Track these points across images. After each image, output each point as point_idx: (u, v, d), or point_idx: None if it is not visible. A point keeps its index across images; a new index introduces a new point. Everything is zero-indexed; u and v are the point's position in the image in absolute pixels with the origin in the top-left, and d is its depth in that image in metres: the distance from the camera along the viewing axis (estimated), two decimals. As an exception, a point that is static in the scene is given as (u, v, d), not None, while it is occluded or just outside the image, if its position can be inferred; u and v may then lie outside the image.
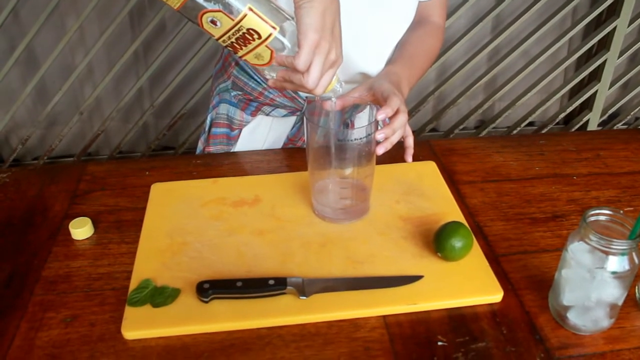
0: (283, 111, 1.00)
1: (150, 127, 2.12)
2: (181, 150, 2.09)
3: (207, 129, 1.06)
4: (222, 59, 1.06)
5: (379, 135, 0.75)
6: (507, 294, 0.68)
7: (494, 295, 0.67)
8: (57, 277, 0.71)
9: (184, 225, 0.77)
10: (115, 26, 1.78)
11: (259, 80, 0.98)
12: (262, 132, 1.04)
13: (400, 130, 0.78)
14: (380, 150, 0.76)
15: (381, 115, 0.74)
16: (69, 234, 0.78)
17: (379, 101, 0.79)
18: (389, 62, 0.94)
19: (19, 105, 1.92)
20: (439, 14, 1.00)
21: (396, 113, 0.77)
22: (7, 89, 1.95)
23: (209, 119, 1.06)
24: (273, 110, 1.00)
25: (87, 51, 1.85)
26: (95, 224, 0.79)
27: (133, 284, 0.68)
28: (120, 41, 1.85)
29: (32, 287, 0.70)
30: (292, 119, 1.02)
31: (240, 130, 1.03)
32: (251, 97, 1.00)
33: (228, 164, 0.93)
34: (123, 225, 0.79)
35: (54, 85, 1.94)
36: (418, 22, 0.98)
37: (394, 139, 0.78)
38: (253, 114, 1.01)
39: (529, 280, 0.71)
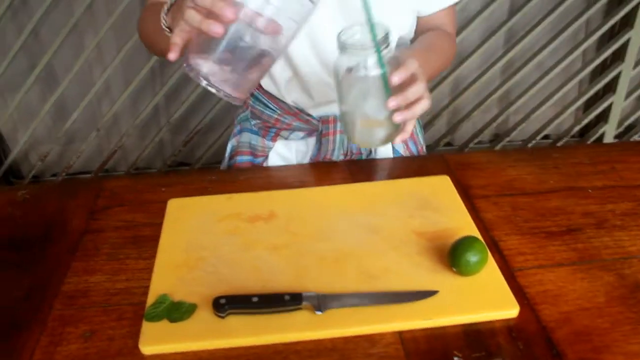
0: (300, 133, 1.03)
1: (166, 143, 2.15)
2: (197, 166, 2.11)
3: (227, 156, 1.08)
4: None
5: (394, 78, 0.69)
6: (523, 308, 0.68)
7: (510, 310, 0.67)
8: (76, 291, 0.72)
9: (200, 240, 0.78)
10: (132, 43, 1.81)
11: (273, 108, 1.01)
12: (288, 156, 1.06)
13: (418, 106, 0.72)
14: (398, 118, 0.72)
15: (395, 78, 0.69)
16: (87, 249, 0.79)
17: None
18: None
19: (38, 122, 1.95)
20: (449, 26, 1.00)
21: (413, 81, 0.72)
22: (27, 106, 1.98)
23: (229, 147, 1.09)
24: (291, 133, 1.03)
25: (104, 68, 1.88)
26: (112, 239, 0.80)
27: (150, 299, 0.69)
28: (137, 58, 1.88)
29: (52, 301, 0.71)
30: (312, 140, 1.04)
31: (265, 157, 1.05)
32: (269, 124, 1.03)
33: (243, 180, 0.94)
34: (140, 241, 0.81)
35: (72, 102, 1.97)
36: (430, 30, 0.99)
37: (408, 116, 0.72)
38: (273, 139, 1.05)
39: (545, 295, 0.70)
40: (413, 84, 0.71)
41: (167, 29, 0.76)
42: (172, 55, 0.65)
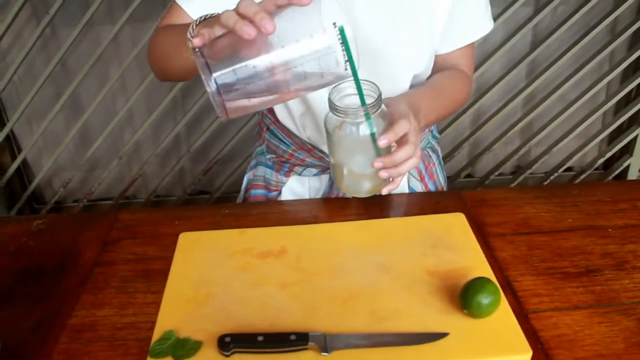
0: (314, 170, 1.02)
1: (186, 172, 2.17)
2: (216, 195, 2.12)
3: (243, 189, 1.09)
4: (257, 124, 1.10)
5: (381, 142, 0.72)
6: (536, 353, 0.66)
7: (523, 354, 0.65)
8: (83, 325, 0.72)
9: (209, 275, 0.78)
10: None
11: (288, 143, 1.02)
12: (301, 192, 1.06)
13: (405, 165, 0.74)
14: (384, 174, 0.74)
15: (383, 141, 0.71)
16: (97, 281, 0.79)
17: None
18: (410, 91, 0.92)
19: (62, 149, 1.99)
20: (466, 65, 1.00)
21: (403, 143, 0.73)
22: (52, 133, 2.02)
23: (245, 180, 1.09)
24: (304, 170, 1.03)
25: (128, 98, 1.92)
26: (123, 272, 0.81)
27: (156, 335, 0.68)
28: (159, 88, 1.91)
29: (58, 335, 0.71)
30: (325, 177, 1.04)
31: (279, 192, 1.05)
32: (283, 159, 1.03)
33: (256, 214, 0.94)
34: (150, 274, 0.80)
35: (96, 130, 2.01)
36: (445, 68, 0.98)
37: (394, 173, 0.74)
38: (287, 175, 1.05)
39: (560, 339, 0.68)
40: (402, 146, 0.73)
41: (191, 40, 0.75)
42: (198, 41, 0.62)
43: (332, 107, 0.74)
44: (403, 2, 0.87)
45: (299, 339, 0.65)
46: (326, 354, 0.64)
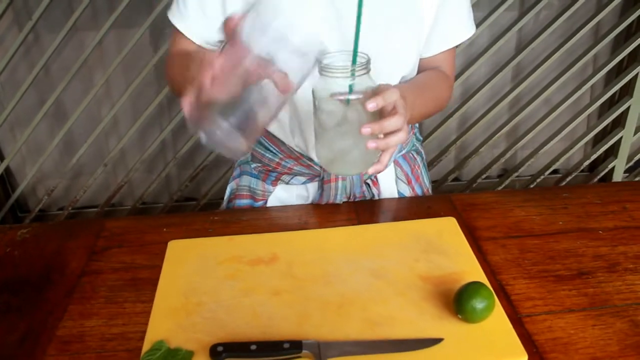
0: (302, 178, 1.01)
1: (173, 178, 2.14)
2: (203, 201, 2.10)
3: (226, 199, 1.07)
4: None
5: (370, 105, 0.68)
6: (531, 357, 0.65)
7: (518, 358, 0.64)
8: (71, 336, 0.71)
9: (199, 284, 0.77)
10: (140, 80, 1.83)
11: (274, 151, 1.01)
12: (289, 201, 1.04)
13: (393, 137, 0.70)
14: (372, 144, 0.70)
15: (371, 104, 0.68)
16: (85, 291, 0.78)
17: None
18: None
19: (46, 157, 1.96)
20: (448, 68, 1.00)
21: (392, 114, 0.70)
22: (36, 140, 1.99)
23: (228, 190, 1.08)
24: (292, 178, 1.01)
25: (113, 104, 1.90)
26: (111, 281, 0.79)
27: (146, 345, 0.67)
28: (144, 95, 1.89)
29: (45, 347, 0.69)
30: (313, 185, 1.02)
31: (265, 201, 1.04)
32: (270, 168, 1.02)
33: (246, 221, 0.93)
34: (139, 283, 0.79)
35: (80, 137, 1.98)
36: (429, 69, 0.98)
37: (381, 145, 0.70)
38: (274, 184, 1.03)
39: (554, 343, 0.68)
40: (392, 116, 0.70)
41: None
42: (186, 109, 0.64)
43: (322, 68, 0.71)
44: (395, 3, 0.87)
45: (292, 347, 0.64)
46: (320, 362, 0.63)
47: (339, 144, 0.75)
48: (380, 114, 0.71)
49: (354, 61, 0.71)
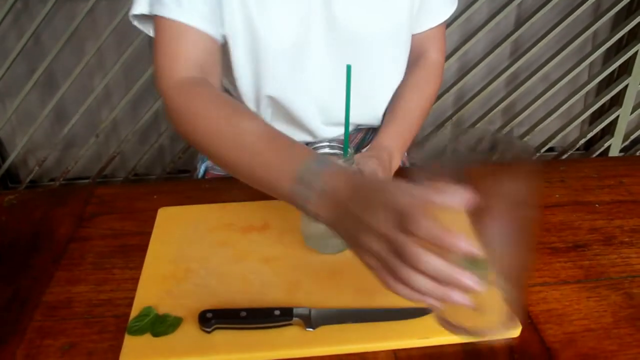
0: None
1: (166, 150, 2.12)
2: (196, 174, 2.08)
3: (201, 175, 1.04)
4: None
5: None
6: (525, 328, 0.65)
7: (512, 329, 0.64)
8: (57, 302, 0.69)
9: (189, 251, 0.75)
10: (133, 49, 1.79)
11: None
12: None
13: None
14: None
15: None
16: (73, 257, 0.76)
17: None
18: (382, 124, 0.93)
19: (37, 127, 1.93)
20: (437, 48, 0.98)
21: None
22: (26, 111, 1.96)
23: (202, 168, 1.04)
24: None
25: (105, 74, 1.86)
26: (99, 248, 0.77)
27: (134, 311, 0.66)
28: (137, 64, 1.86)
29: (32, 312, 0.68)
30: None
31: None
32: None
33: (238, 189, 0.90)
34: (128, 250, 0.78)
35: (71, 107, 1.95)
36: (415, 63, 0.97)
37: None
38: None
39: (549, 314, 0.67)
40: None
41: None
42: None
43: None
44: None
45: (283, 315, 0.63)
46: (311, 329, 0.62)
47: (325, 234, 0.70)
48: None
49: (345, 152, 0.72)
